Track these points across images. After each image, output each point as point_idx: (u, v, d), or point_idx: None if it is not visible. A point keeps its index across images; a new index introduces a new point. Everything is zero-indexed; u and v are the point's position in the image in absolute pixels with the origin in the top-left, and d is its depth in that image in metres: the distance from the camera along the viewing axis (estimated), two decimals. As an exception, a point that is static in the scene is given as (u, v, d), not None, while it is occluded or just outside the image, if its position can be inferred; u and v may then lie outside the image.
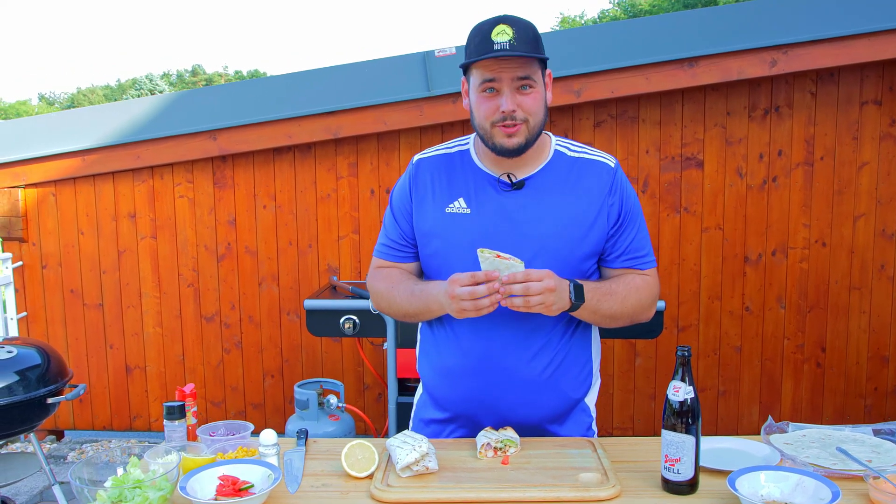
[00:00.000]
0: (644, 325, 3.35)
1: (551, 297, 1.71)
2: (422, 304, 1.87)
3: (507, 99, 1.77)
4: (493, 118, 1.79)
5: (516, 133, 1.79)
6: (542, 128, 1.85)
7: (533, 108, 1.79)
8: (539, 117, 1.82)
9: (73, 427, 4.70)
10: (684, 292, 4.30)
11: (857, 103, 4.11)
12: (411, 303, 1.90)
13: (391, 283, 1.96)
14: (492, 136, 1.82)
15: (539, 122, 1.82)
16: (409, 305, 1.91)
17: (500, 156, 1.84)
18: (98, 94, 53.74)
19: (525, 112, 1.78)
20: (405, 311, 1.94)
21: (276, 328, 4.50)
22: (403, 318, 1.98)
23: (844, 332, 4.26)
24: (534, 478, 1.62)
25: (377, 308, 2.05)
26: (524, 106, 1.78)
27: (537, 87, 1.80)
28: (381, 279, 2.00)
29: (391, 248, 2.02)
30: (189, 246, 4.49)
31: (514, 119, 1.78)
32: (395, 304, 1.95)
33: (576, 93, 4.04)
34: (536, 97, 1.80)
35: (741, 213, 4.22)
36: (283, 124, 4.26)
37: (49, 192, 4.50)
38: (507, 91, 1.77)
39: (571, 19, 46.09)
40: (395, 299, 1.94)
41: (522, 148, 1.81)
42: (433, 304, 1.84)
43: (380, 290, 2.00)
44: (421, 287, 1.90)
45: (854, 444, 1.77)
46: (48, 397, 3.07)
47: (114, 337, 4.58)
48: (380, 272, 2.03)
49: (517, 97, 1.78)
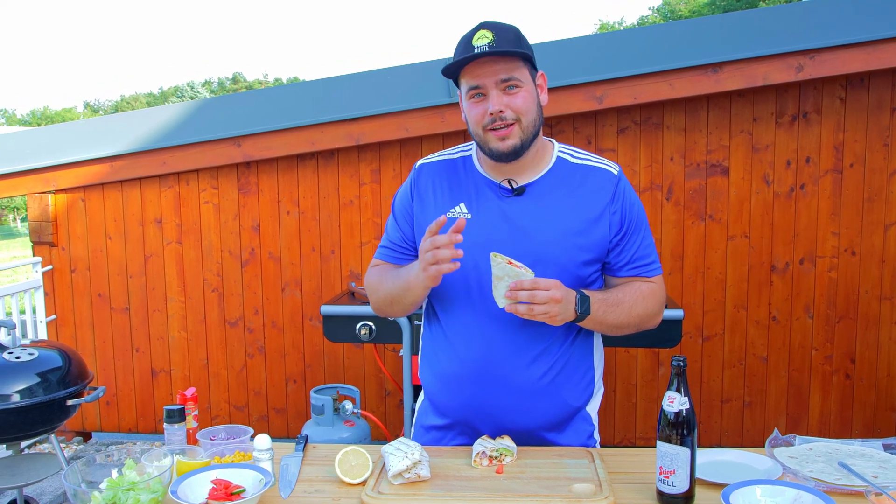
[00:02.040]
0: (662, 334, 3.34)
1: (556, 308, 1.69)
2: (402, 282, 1.87)
3: (494, 100, 1.76)
4: (483, 122, 1.78)
5: (509, 135, 1.78)
6: (536, 128, 1.83)
7: (522, 107, 1.77)
8: (531, 116, 1.80)
9: (99, 429, 4.77)
10: (709, 301, 4.23)
11: (889, 109, 4.01)
12: (395, 283, 1.90)
13: (381, 273, 1.99)
14: (486, 141, 1.80)
15: (532, 122, 1.80)
16: (392, 286, 1.91)
17: (498, 161, 1.83)
18: (141, 101, 54.80)
19: (515, 112, 1.77)
20: (390, 294, 1.93)
21: (298, 333, 4.53)
22: (392, 306, 1.96)
23: (875, 343, 4.15)
24: (526, 488, 1.60)
25: (370, 301, 2.05)
26: (512, 105, 1.77)
27: (525, 87, 1.78)
28: (374, 273, 2.03)
29: (391, 249, 2.02)
30: (214, 251, 4.53)
31: (504, 120, 1.76)
32: (382, 289, 1.96)
33: (598, 99, 4.00)
34: (525, 96, 1.78)
35: (768, 220, 4.14)
36: (307, 131, 4.29)
37: (78, 197, 4.59)
38: (493, 93, 1.77)
39: (610, 26, 45.83)
40: (382, 285, 1.96)
41: (518, 150, 1.79)
42: (411, 278, 1.83)
43: (371, 282, 2.02)
44: (404, 268, 1.91)
45: (862, 459, 1.72)
46: (68, 399, 3.13)
47: (140, 340, 4.64)
48: (374, 268, 2.05)
49: (504, 98, 1.76)
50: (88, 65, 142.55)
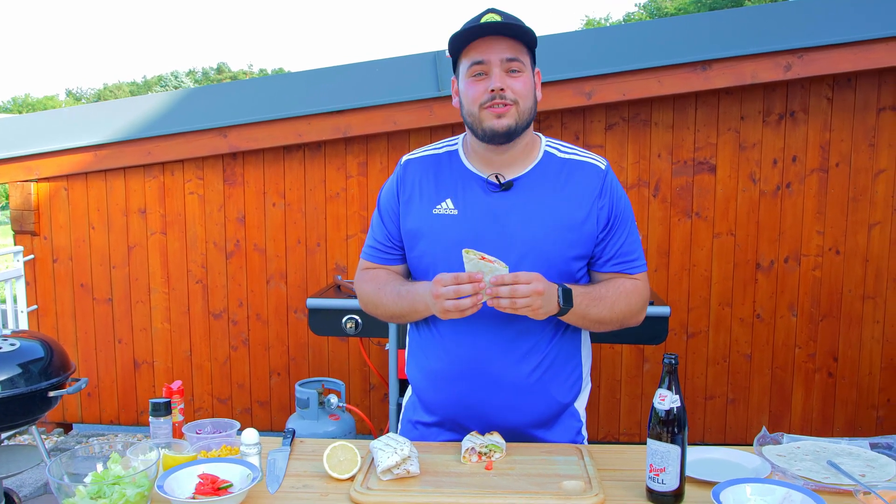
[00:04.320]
0: (649, 331, 3.35)
1: (538, 301, 1.68)
2: (408, 305, 1.85)
3: (496, 78, 1.75)
4: (481, 100, 1.77)
5: (506, 114, 1.76)
6: (531, 116, 1.82)
7: (522, 91, 1.77)
8: (529, 102, 1.79)
9: (80, 420, 4.72)
10: (694, 298, 4.24)
11: (875, 109, 4.04)
12: (398, 304, 1.88)
13: (378, 285, 1.94)
14: (481, 120, 1.78)
15: (529, 109, 1.80)
16: (395, 307, 1.89)
17: (490, 143, 1.80)
18: (124, 90, 54.25)
19: (515, 94, 1.76)
20: (392, 313, 1.91)
21: (283, 326, 4.50)
22: (391, 320, 1.96)
23: (857, 342, 4.18)
24: (516, 484, 1.59)
25: (365, 310, 2.02)
26: (514, 88, 1.76)
27: (526, 73, 1.79)
28: (368, 281, 1.98)
29: (378, 249, 2.00)
30: (198, 242, 4.50)
31: (503, 98, 1.75)
32: (382, 305, 1.92)
33: (587, 95, 4.00)
34: (526, 81, 1.78)
35: (754, 219, 4.16)
36: (294, 122, 4.26)
37: (61, 186, 4.53)
38: (496, 71, 1.76)
39: (596, 22, 45.88)
40: (382, 300, 1.92)
41: (512, 131, 1.78)
42: (419, 304, 1.81)
43: (367, 292, 1.98)
44: (407, 288, 1.87)
45: (849, 457, 1.73)
46: (50, 390, 3.09)
47: (122, 331, 4.60)
48: (366, 274, 2.01)
49: (506, 79, 1.76)
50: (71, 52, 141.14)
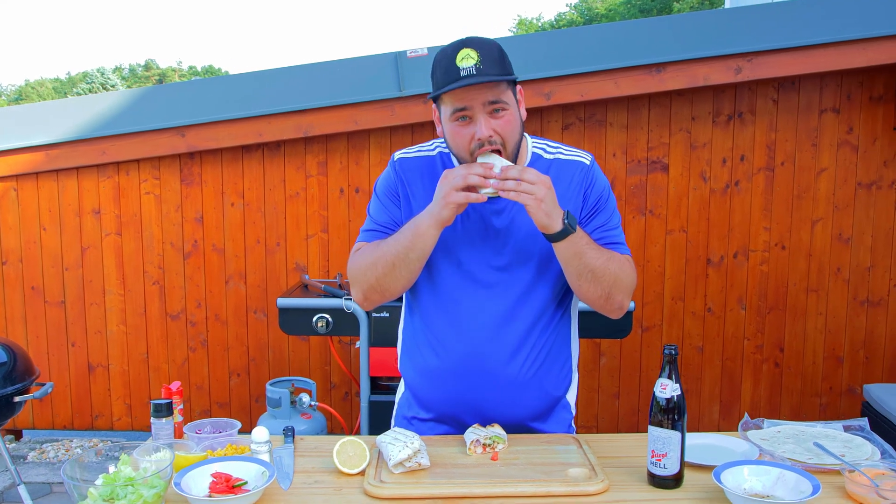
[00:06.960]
0: (615, 325, 3.44)
1: (543, 190, 1.68)
2: (409, 233, 1.80)
3: (482, 125, 1.74)
4: (470, 148, 1.77)
5: None
6: (519, 142, 1.83)
7: (507, 130, 1.76)
8: (515, 138, 1.80)
9: (32, 426, 4.60)
10: (648, 293, 4.38)
11: (817, 111, 4.24)
12: (398, 241, 1.82)
13: (375, 245, 1.89)
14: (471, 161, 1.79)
15: (516, 144, 1.81)
16: (396, 244, 1.82)
17: None
18: (47, 86, 52.42)
19: (501, 135, 1.76)
20: (393, 257, 1.82)
21: (242, 327, 4.47)
22: (392, 271, 1.84)
23: (802, 333, 4.39)
24: (524, 473, 1.65)
25: (361, 288, 1.92)
26: (499, 129, 1.75)
27: (510, 108, 1.77)
28: (365, 249, 1.92)
29: (379, 229, 1.94)
30: (155, 243, 4.43)
31: (491, 143, 1.75)
32: (381, 256, 1.84)
33: (546, 95, 4.09)
34: (510, 118, 1.77)
35: (704, 216, 4.32)
36: (254, 122, 4.24)
37: (10, 186, 4.41)
38: (480, 117, 1.74)
39: (528, 21, 46.39)
40: (380, 251, 1.85)
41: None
42: (421, 225, 1.77)
43: (362, 259, 1.90)
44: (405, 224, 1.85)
45: (826, 439, 1.84)
46: (15, 395, 3.03)
47: (76, 335, 4.50)
48: (361, 249, 1.94)
49: (491, 122, 1.74)
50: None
